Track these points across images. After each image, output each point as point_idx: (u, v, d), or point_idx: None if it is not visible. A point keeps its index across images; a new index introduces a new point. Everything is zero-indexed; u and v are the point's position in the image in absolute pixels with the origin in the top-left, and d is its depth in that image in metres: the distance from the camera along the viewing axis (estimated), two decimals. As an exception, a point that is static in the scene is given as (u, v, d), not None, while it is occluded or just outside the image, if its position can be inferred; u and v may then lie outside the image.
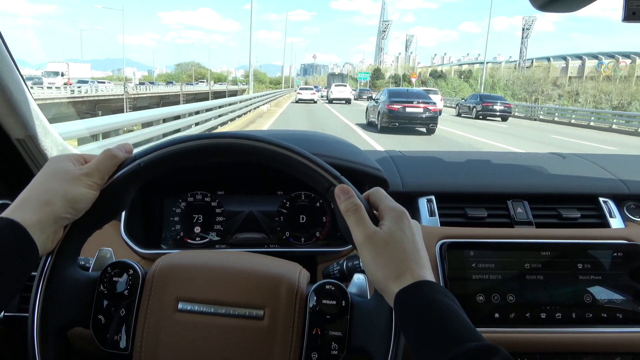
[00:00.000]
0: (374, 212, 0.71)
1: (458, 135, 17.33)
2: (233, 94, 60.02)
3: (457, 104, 33.05)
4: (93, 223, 0.72)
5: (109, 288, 0.73)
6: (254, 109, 25.00)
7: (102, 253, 0.82)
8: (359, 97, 43.16)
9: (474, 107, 28.80)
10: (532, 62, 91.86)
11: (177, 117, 12.00)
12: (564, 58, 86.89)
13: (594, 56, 79.48)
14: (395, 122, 16.49)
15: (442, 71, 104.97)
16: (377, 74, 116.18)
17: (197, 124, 12.98)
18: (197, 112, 13.51)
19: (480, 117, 28.10)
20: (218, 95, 53.77)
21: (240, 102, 21.06)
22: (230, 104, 18.63)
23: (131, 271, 0.75)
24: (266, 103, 31.56)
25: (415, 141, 14.64)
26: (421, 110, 16.62)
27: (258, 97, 29.38)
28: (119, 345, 0.72)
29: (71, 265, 0.72)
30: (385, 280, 0.65)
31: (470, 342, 0.57)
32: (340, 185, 0.70)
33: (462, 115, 30.32)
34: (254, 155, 0.72)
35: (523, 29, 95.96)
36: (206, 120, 14.10)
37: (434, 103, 17.47)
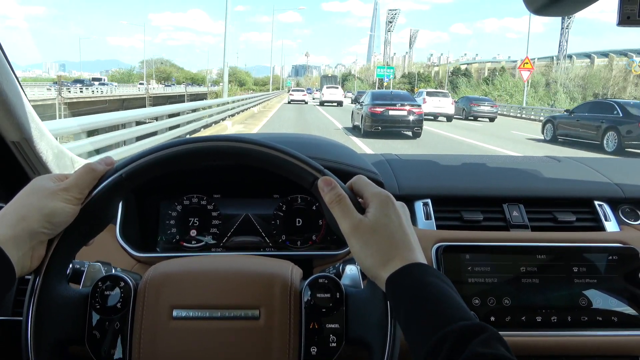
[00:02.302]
0: (359, 200, 0.71)
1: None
2: (200, 97, 51.22)
3: (548, 119, 18.19)
4: (78, 239, 0.72)
5: (101, 303, 0.73)
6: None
7: (92, 267, 0.81)
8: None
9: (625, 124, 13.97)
10: (553, 60, 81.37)
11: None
12: (588, 56, 77.45)
13: (622, 53, 71.40)
14: (378, 126, 15.86)
15: (466, 69, 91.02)
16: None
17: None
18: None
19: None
20: (159, 102, 43.82)
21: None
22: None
23: (122, 284, 0.75)
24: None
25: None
26: (405, 113, 16.00)
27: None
28: (114, 359, 0.72)
29: (61, 283, 0.71)
30: (376, 267, 0.65)
31: (460, 322, 0.57)
32: (323, 178, 0.70)
33: (561, 139, 16.74)
34: (236, 157, 0.72)
35: (563, 19, 74.39)
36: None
37: (419, 105, 16.87)
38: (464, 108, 28.82)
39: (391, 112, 15.96)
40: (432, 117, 26.27)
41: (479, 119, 28.44)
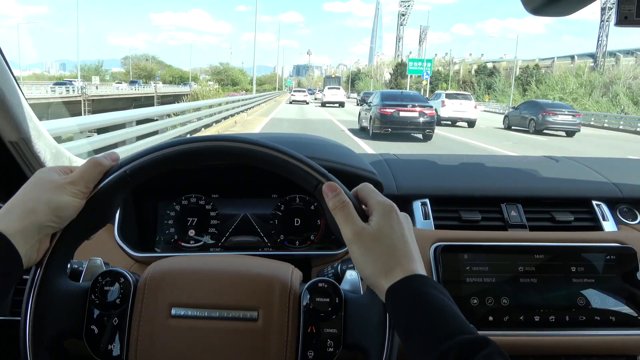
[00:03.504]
0: (363, 207, 0.71)
1: None
2: (177, 100, 43.02)
3: None
4: (81, 233, 0.72)
5: (100, 298, 0.73)
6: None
7: (92, 262, 0.82)
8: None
9: None
10: (574, 58, 72.53)
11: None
12: (614, 55, 67.30)
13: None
14: (387, 128, 15.16)
15: (494, 67, 76.41)
16: (402, 69, 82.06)
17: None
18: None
19: None
20: (109, 106, 34.63)
21: None
22: None
23: (122, 279, 0.75)
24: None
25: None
26: (416, 114, 15.29)
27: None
28: (112, 354, 0.72)
29: (61, 276, 0.71)
30: (376, 276, 0.65)
31: (462, 335, 0.57)
32: (328, 183, 0.70)
33: None
34: (241, 157, 0.72)
35: (603, 9, 61.81)
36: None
37: (431, 107, 16.06)
38: (533, 118, 21.20)
39: (402, 114, 15.30)
40: (450, 123, 22.89)
41: (545, 131, 20.89)
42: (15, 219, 0.64)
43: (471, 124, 22.90)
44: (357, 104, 37.75)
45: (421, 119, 15.43)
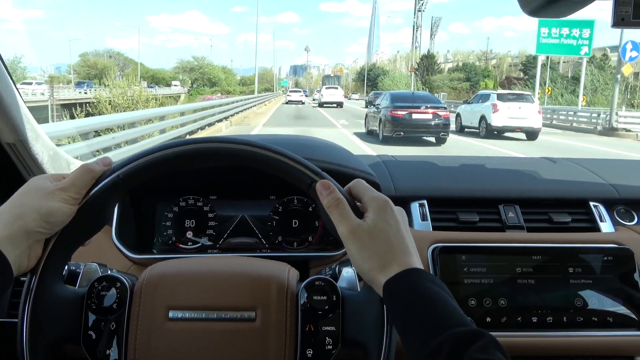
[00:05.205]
0: (357, 204, 0.71)
1: None
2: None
3: None
4: (75, 238, 0.72)
5: (97, 303, 0.73)
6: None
7: (88, 268, 0.82)
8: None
9: None
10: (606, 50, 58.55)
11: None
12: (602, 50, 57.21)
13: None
14: (399, 131, 14.03)
15: (548, 58, 48.70)
16: (429, 63, 69.68)
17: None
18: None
19: None
20: None
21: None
22: None
23: (119, 284, 0.75)
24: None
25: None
26: (430, 116, 14.12)
27: None
28: (109, 359, 0.72)
29: (57, 282, 0.71)
30: (372, 271, 0.65)
31: (458, 328, 0.57)
32: (321, 181, 0.70)
33: None
34: (234, 158, 0.72)
35: None
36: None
37: (444, 108, 14.82)
38: None
39: (414, 116, 14.14)
40: (496, 132, 17.18)
41: None
42: (2, 225, 0.64)
43: (532, 134, 17.08)
44: (366, 106, 31.92)
45: (435, 122, 14.22)
